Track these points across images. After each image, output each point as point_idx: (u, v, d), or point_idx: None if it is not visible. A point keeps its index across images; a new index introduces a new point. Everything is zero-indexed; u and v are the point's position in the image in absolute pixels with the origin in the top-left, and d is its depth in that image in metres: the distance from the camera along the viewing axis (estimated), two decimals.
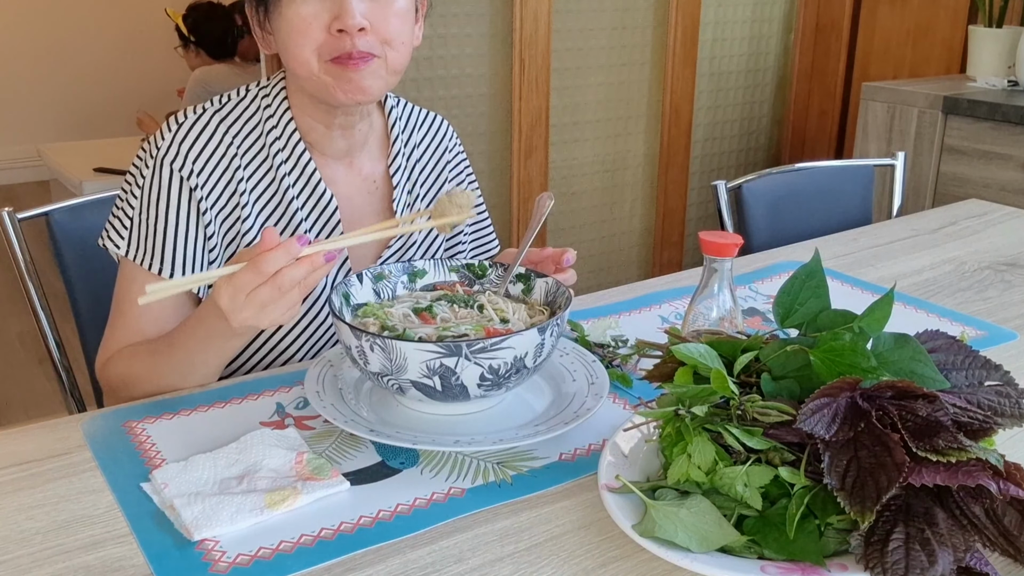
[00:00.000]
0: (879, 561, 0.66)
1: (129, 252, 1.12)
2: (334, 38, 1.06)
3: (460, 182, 1.36)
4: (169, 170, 1.11)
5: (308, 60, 1.07)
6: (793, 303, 0.89)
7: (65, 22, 5.31)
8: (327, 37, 1.06)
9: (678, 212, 3.25)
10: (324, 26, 1.06)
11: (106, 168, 3.61)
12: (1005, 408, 0.77)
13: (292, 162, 1.16)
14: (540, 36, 2.74)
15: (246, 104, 1.18)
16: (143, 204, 1.12)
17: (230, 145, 1.14)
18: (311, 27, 1.06)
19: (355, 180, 1.22)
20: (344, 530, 0.79)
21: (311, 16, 1.06)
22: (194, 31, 3.64)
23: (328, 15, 1.05)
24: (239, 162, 1.14)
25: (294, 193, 1.16)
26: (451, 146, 1.35)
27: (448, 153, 1.34)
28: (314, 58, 1.07)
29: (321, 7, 1.05)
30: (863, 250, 1.61)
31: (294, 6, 1.06)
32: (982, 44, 2.81)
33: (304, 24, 1.06)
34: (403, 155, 1.26)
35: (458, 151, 1.37)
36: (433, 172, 1.31)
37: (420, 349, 0.87)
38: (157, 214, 1.11)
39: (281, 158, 1.16)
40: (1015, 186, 2.48)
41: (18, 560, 0.75)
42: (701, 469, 0.76)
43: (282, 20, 1.07)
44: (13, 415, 2.88)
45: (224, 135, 1.14)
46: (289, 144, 1.16)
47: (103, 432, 0.95)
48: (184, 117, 1.15)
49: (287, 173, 1.16)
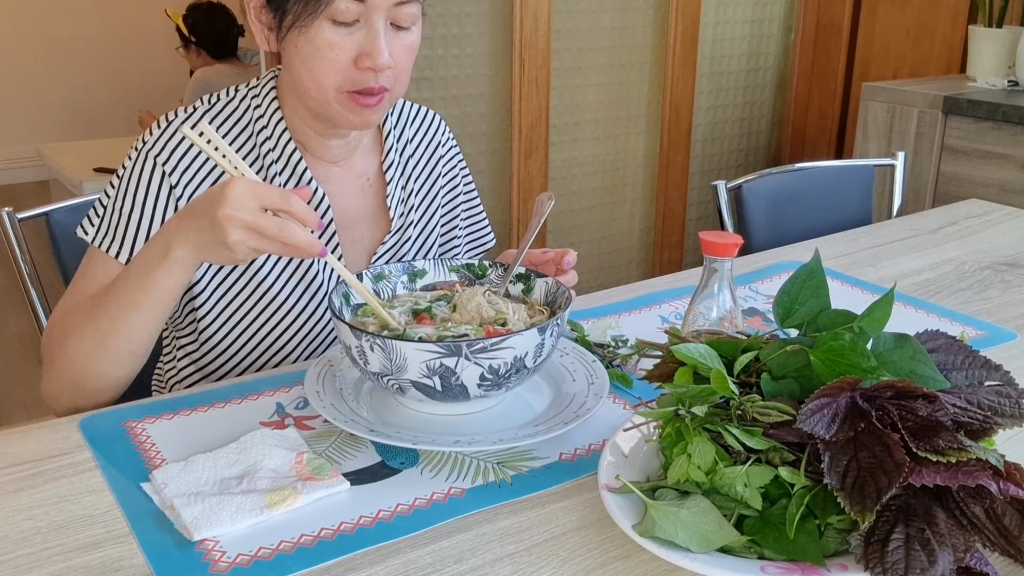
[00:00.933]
0: (879, 561, 0.66)
1: (96, 239, 1.12)
2: (359, 72, 1.06)
3: (454, 176, 1.36)
4: (152, 163, 1.11)
5: (327, 89, 1.07)
6: (793, 303, 0.89)
7: (65, 22, 5.31)
8: (352, 70, 1.06)
9: (678, 212, 3.25)
10: (350, 59, 1.06)
11: (106, 168, 3.61)
12: (1005, 408, 0.77)
13: (283, 162, 1.16)
14: (540, 36, 2.74)
15: (235, 105, 1.18)
16: (118, 192, 1.12)
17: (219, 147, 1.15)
18: (338, 58, 1.05)
19: (348, 179, 1.22)
20: (344, 530, 0.79)
21: (340, 47, 1.05)
22: (194, 31, 3.64)
23: (356, 48, 1.05)
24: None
25: None
26: (444, 140, 1.35)
27: (441, 148, 1.34)
28: (333, 89, 1.07)
29: (350, 39, 1.05)
30: (863, 250, 1.61)
31: (323, 34, 1.05)
32: (982, 44, 2.81)
33: (332, 53, 1.05)
34: (396, 151, 1.27)
35: (451, 145, 1.37)
36: (427, 167, 1.32)
37: (420, 349, 0.87)
38: (134, 204, 1.11)
39: (272, 158, 1.16)
40: (1015, 186, 2.48)
41: (18, 560, 0.75)
42: (701, 469, 0.76)
43: (308, 44, 1.06)
44: (13, 415, 2.89)
45: None
46: (279, 145, 1.16)
47: (103, 432, 0.95)
48: (175, 115, 1.15)
49: (278, 173, 1.16)
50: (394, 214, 1.24)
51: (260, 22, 1.12)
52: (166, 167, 1.11)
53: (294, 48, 1.08)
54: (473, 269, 1.11)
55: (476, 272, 1.10)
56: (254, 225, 0.89)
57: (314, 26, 1.04)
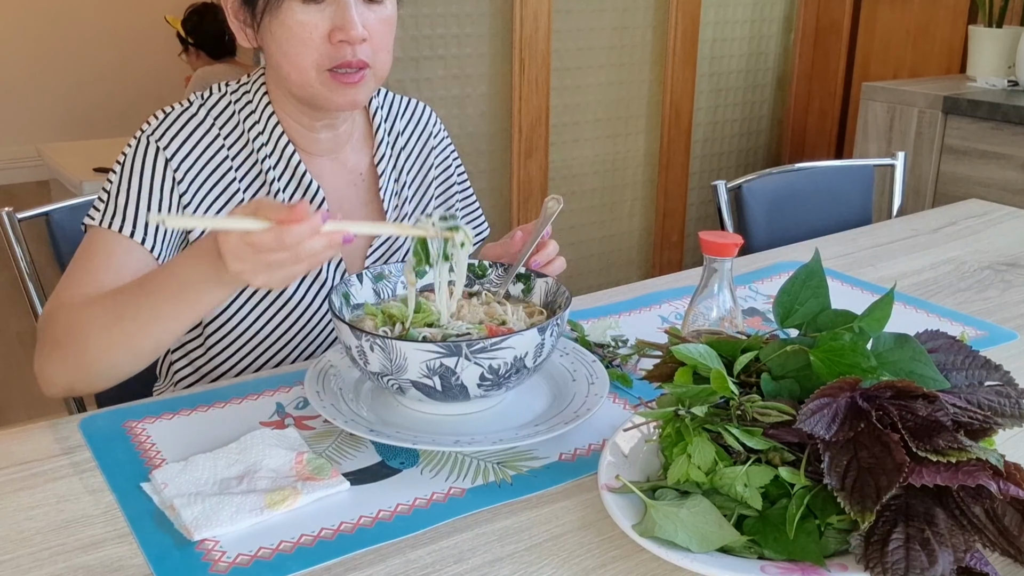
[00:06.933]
0: (879, 561, 0.66)
1: (103, 221, 1.09)
2: (334, 47, 1.07)
3: (447, 167, 1.36)
4: (155, 147, 1.12)
5: (307, 70, 1.08)
6: (793, 303, 0.89)
7: (65, 22, 5.31)
8: (327, 46, 1.07)
9: (678, 212, 3.25)
10: (324, 35, 1.06)
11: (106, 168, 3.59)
12: (1005, 408, 0.77)
13: (277, 156, 1.17)
14: (540, 36, 2.74)
15: (227, 100, 1.18)
16: (121, 175, 1.12)
17: (217, 135, 1.15)
18: (312, 36, 1.06)
19: (341, 173, 1.23)
20: (344, 530, 0.79)
21: (311, 25, 1.06)
22: (192, 34, 3.64)
23: (329, 24, 1.06)
24: (226, 152, 1.15)
25: (280, 186, 1.17)
26: (435, 131, 1.35)
27: (433, 139, 1.34)
28: (313, 69, 1.08)
29: (321, 16, 1.06)
30: (863, 250, 1.61)
31: (293, 14, 1.06)
32: (982, 44, 2.81)
33: (305, 33, 1.06)
34: (387, 144, 1.27)
35: (443, 136, 1.37)
36: (419, 159, 1.32)
37: (420, 349, 0.87)
38: (141, 183, 1.11)
39: (265, 152, 1.16)
40: (1015, 186, 2.48)
41: (18, 560, 0.75)
42: (701, 469, 0.76)
43: (281, 27, 1.07)
44: (13, 415, 2.88)
45: (212, 125, 1.15)
46: (272, 139, 1.17)
47: (103, 432, 0.95)
48: (172, 108, 1.16)
49: (272, 167, 1.17)
50: (388, 207, 1.24)
51: (238, 20, 1.13)
52: (160, 143, 1.12)
53: (270, 36, 1.09)
54: (473, 269, 1.10)
55: (476, 272, 1.10)
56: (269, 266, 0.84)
57: (283, 7, 1.06)
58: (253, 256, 0.83)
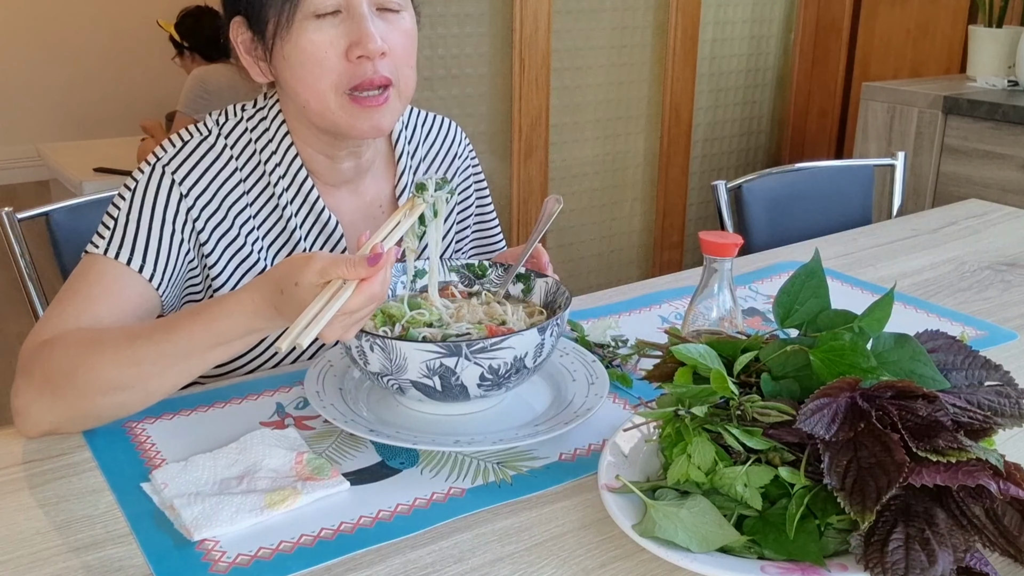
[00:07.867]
0: (879, 561, 0.66)
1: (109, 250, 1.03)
2: (353, 65, 1.01)
3: (467, 187, 1.32)
4: (170, 179, 1.07)
5: (325, 94, 1.03)
6: (793, 303, 0.89)
7: (65, 22, 5.31)
8: (345, 65, 1.01)
9: (678, 212, 3.25)
10: (341, 53, 1.01)
11: (106, 168, 3.60)
12: (1005, 408, 0.77)
13: (294, 190, 1.12)
14: (540, 36, 2.74)
15: (243, 128, 1.13)
16: (131, 204, 1.06)
17: (234, 170, 1.11)
18: (328, 56, 1.01)
19: (360, 205, 1.19)
20: (344, 530, 0.79)
21: (327, 43, 1.01)
22: (187, 37, 3.62)
23: (345, 41, 1.01)
24: (243, 187, 1.11)
25: (297, 222, 1.13)
26: (460, 151, 1.30)
27: (458, 159, 1.30)
28: (331, 92, 1.03)
29: (336, 33, 1.01)
30: (863, 250, 1.61)
31: (307, 34, 1.00)
32: (982, 44, 2.81)
33: (321, 52, 1.01)
34: (410, 170, 1.22)
35: (468, 155, 1.31)
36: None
37: (420, 349, 0.87)
38: (142, 212, 1.05)
39: (283, 185, 1.12)
40: (1015, 186, 2.48)
41: (18, 560, 0.75)
42: (701, 469, 0.76)
43: (295, 50, 1.02)
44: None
45: (229, 157, 1.11)
46: (290, 171, 1.12)
47: (103, 432, 0.95)
48: (189, 135, 1.11)
49: (290, 201, 1.12)
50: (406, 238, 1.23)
51: (251, 56, 1.09)
52: (182, 187, 1.07)
53: (284, 62, 1.04)
54: (473, 269, 1.11)
55: (476, 272, 1.10)
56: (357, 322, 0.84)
57: (296, 27, 1.01)
58: (348, 320, 0.83)
